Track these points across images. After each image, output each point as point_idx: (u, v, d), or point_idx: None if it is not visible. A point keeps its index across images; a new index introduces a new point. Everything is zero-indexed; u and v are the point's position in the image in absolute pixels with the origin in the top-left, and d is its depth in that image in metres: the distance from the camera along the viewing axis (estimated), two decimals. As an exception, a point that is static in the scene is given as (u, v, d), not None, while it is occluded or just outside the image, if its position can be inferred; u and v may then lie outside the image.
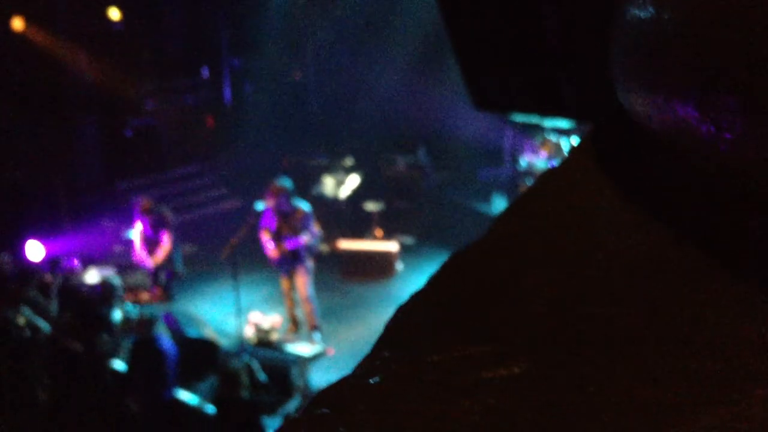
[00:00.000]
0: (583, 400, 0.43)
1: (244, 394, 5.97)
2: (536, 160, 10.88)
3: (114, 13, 12.53)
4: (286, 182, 7.90)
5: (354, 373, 0.52)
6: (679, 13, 0.43)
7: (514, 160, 11.75)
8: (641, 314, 0.47)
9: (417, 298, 0.56)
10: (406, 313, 0.55)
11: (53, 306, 7.77)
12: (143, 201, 9.23)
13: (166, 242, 9.15)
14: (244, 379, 6.05)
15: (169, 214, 9.31)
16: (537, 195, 0.62)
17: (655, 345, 0.45)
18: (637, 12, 0.47)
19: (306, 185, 11.34)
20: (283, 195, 7.78)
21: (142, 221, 9.10)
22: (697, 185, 0.52)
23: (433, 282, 0.57)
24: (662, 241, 0.52)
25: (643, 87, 0.48)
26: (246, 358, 6.69)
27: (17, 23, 10.86)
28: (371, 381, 0.48)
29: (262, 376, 6.58)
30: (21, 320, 6.62)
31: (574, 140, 10.11)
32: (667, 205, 0.55)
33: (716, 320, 0.45)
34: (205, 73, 14.68)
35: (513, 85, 0.88)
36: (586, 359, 0.45)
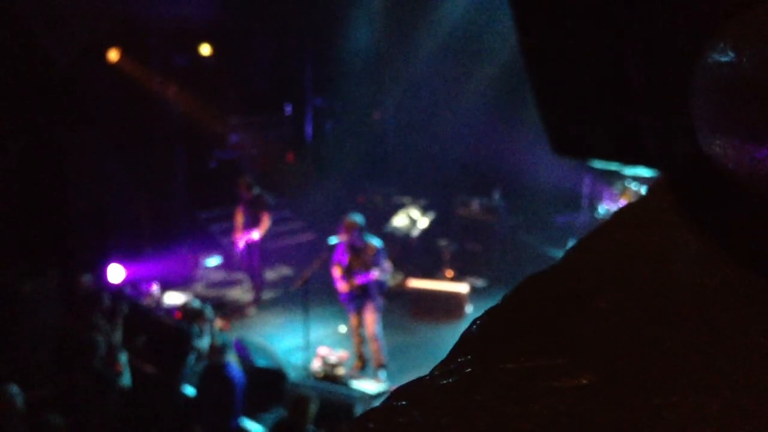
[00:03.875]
0: (649, 409, 0.45)
1: (309, 429, 5.97)
2: (615, 208, 10.66)
3: (205, 49, 13.06)
4: (358, 218, 8.00)
5: (430, 374, 0.55)
6: (758, 58, 0.44)
7: (593, 207, 11.56)
8: (709, 338, 0.49)
9: (492, 312, 0.59)
10: (480, 325, 0.58)
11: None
12: (242, 179, 10.14)
13: (265, 221, 9.99)
14: (312, 410, 6.05)
15: (267, 197, 10.16)
16: (613, 227, 0.64)
17: (722, 365, 0.46)
18: (717, 56, 0.49)
19: (379, 222, 11.44)
20: (356, 230, 7.87)
21: (242, 200, 9.99)
22: None
23: (508, 299, 0.60)
24: (735, 275, 0.53)
25: (720, 130, 0.49)
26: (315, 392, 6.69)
27: (113, 55, 11.43)
28: (445, 381, 0.51)
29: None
30: (104, 342, 6.78)
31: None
32: (742, 242, 0.56)
33: None
34: (289, 110, 15.09)
35: (593, 130, 0.89)
36: (653, 375, 0.47)
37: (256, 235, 9.97)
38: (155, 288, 9.87)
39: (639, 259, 0.59)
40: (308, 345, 8.33)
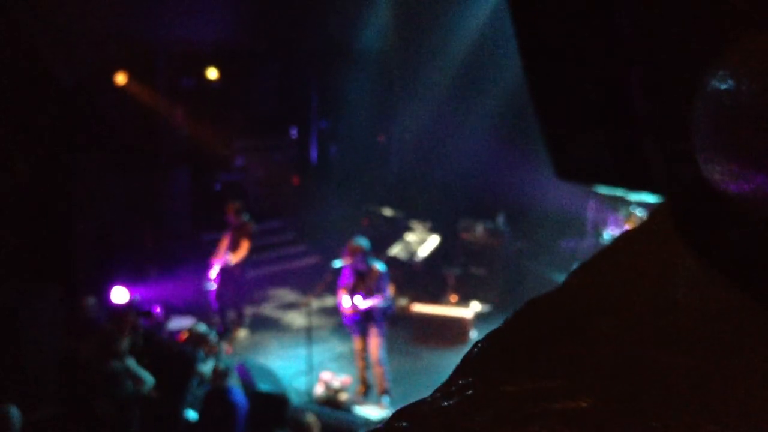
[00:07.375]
0: None
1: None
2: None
3: (212, 73, 13.17)
4: (363, 242, 7.99)
5: (431, 396, 0.55)
6: (756, 86, 0.45)
7: (597, 233, 11.52)
8: (708, 362, 0.49)
9: (493, 335, 0.59)
10: (481, 348, 0.58)
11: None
12: (231, 204, 10.18)
13: (243, 248, 9.96)
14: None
15: (251, 224, 10.20)
16: (614, 252, 0.64)
17: (719, 389, 0.46)
18: (717, 83, 0.49)
19: (383, 245, 11.43)
20: (360, 254, 7.86)
21: (230, 226, 10.04)
22: None
23: (509, 322, 0.60)
24: (736, 298, 0.53)
25: (721, 156, 0.49)
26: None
27: (120, 78, 11.54)
28: (446, 403, 0.51)
29: None
30: (127, 370, 6.70)
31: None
32: (743, 267, 0.56)
33: None
34: (294, 133, 15.17)
35: (597, 156, 0.89)
36: (650, 398, 0.47)
37: (231, 259, 9.87)
38: (158, 310, 9.85)
39: (640, 283, 0.59)
40: (311, 369, 8.29)
